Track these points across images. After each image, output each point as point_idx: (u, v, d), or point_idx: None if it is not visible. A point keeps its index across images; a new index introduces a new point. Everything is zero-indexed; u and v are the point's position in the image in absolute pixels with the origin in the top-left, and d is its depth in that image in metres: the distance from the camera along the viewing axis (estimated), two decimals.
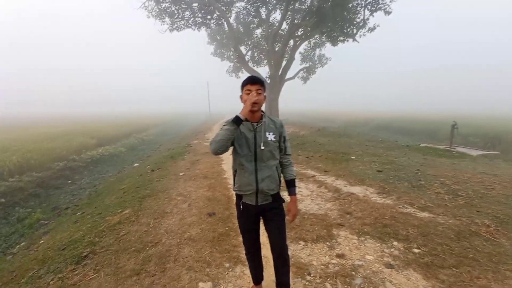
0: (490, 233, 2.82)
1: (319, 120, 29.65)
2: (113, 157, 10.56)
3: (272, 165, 1.72)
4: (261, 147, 1.66)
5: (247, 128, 1.69)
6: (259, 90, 1.64)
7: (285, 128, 1.82)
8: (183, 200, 4.19)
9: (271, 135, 1.70)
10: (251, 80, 1.66)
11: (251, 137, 1.68)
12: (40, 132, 13.32)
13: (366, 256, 2.51)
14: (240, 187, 1.73)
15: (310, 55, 20.81)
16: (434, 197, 3.96)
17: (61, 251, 2.89)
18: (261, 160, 1.68)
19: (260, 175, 1.68)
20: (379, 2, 13.09)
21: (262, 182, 1.68)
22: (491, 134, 12.16)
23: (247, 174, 1.68)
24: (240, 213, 1.81)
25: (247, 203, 1.74)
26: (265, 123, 1.72)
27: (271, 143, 1.70)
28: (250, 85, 1.64)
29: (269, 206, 1.74)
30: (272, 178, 1.71)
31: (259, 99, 1.62)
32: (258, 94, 1.63)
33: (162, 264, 2.48)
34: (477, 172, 5.23)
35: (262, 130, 1.69)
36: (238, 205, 1.80)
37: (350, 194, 4.18)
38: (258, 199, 1.71)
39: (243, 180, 1.69)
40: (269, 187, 1.70)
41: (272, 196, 1.74)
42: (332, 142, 9.95)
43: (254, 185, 1.68)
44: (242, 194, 1.74)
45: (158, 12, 14.81)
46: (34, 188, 6.28)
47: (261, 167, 1.68)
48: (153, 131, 19.43)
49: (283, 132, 1.78)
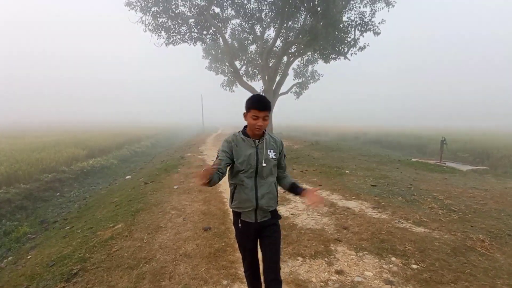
0: (485, 248, 2.86)
1: (311, 134, 29.99)
2: (104, 169, 10.33)
3: (271, 182, 1.73)
4: (262, 164, 1.66)
5: (249, 144, 1.69)
6: (266, 116, 1.63)
7: (284, 146, 1.84)
8: (178, 214, 4.11)
9: (271, 152, 1.71)
10: (260, 106, 1.60)
11: (253, 154, 1.67)
12: (29, 142, 12.99)
13: (365, 272, 2.49)
14: (239, 204, 1.70)
15: (303, 71, 21.37)
16: (429, 212, 4.01)
17: (50, 267, 2.76)
18: (261, 177, 1.69)
19: (260, 191, 1.68)
20: (368, 24, 13.70)
21: (262, 198, 1.68)
22: (479, 149, 12.52)
23: (247, 191, 1.66)
24: (240, 232, 1.78)
25: (246, 221, 1.72)
26: (267, 140, 1.72)
27: (272, 161, 1.71)
28: (258, 111, 1.60)
29: (268, 222, 1.73)
30: (271, 194, 1.71)
31: (264, 125, 1.63)
32: (265, 120, 1.62)
33: (157, 282, 2.40)
34: (468, 187, 5.34)
35: (264, 147, 1.69)
36: (237, 223, 1.76)
37: (346, 209, 4.19)
38: (257, 216, 1.70)
39: (243, 197, 1.67)
40: (269, 203, 1.70)
41: (271, 212, 1.74)
42: (325, 156, 10.04)
43: (254, 201, 1.66)
44: (241, 212, 1.71)
45: (155, 26, 15.03)
46: (21, 200, 6.04)
47: (261, 184, 1.68)
48: (146, 142, 19.21)
49: (283, 150, 1.81)
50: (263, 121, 1.62)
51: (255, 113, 1.60)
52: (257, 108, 1.60)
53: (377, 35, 13.68)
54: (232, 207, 1.75)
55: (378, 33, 13.72)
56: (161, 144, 21.47)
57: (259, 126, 1.61)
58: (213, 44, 20.07)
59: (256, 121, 1.61)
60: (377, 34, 13.71)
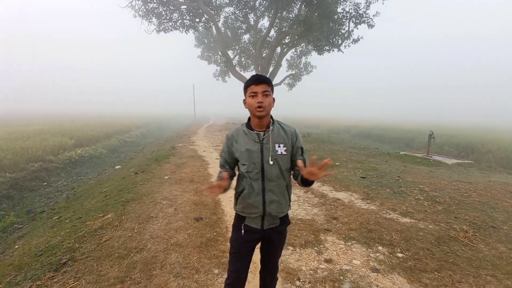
0: (469, 238, 2.98)
1: (304, 126, 30.12)
2: (92, 159, 10.13)
3: (283, 184, 1.44)
4: (269, 162, 1.38)
5: (252, 139, 1.41)
6: (266, 91, 1.34)
7: (300, 136, 1.50)
8: (169, 204, 4.09)
9: (281, 147, 1.40)
10: (255, 79, 1.35)
11: (256, 151, 1.40)
12: (12, 131, 12.54)
13: (353, 261, 2.56)
14: (243, 208, 1.48)
15: (296, 62, 21.25)
16: (415, 203, 4.14)
17: (38, 257, 2.72)
18: (270, 179, 1.41)
19: (269, 196, 1.42)
20: (363, 16, 13.67)
21: (270, 204, 1.42)
22: (463, 143, 12.91)
23: (253, 196, 1.42)
24: (239, 236, 1.50)
25: (251, 226, 1.48)
26: (274, 132, 1.42)
27: (281, 157, 1.40)
28: (255, 85, 1.34)
29: (275, 229, 1.50)
30: (282, 199, 1.45)
31: (265, 101, 1.33)
32: (265, 96, 1.34)
33: (148, 271, 2.40)
34: (453, 180, 5.52)
35: (270, 141, 1.40)
36: (239, 228, 1.50)
37: (336, 200, 4.27)
38: (264, 223, 1.46)
39: (247, 202, 1.44)
40: (278, 210, 1.45)
41: (281, 219, 1.50)
42: (317, 148, 10.14)
43: (261, 208, 1.42)
44: (246, 216, 1.48)
45: (145, 12, 14.55)
46: (7, 189, 5.87)
47: (270, 187, 1.41)
48: (136, 132, 18.85)
49: (298, 142, 1.46)
50: (264, 97, 1.33)
51: (252, 89, 1.34)
52: (253, 82, 1.34)
53: (371, 28, 13.69)
54: (236, 210, 1.53)
55: (372, 25, 13.73)
56: (151, 134, 21.14)
57: (259, 103, 1.32)
58: (205, 33, 19.65)
59: (255, 99, 1.33)
60: (371, 27, 13.72)
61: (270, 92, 1.37)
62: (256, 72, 17.61)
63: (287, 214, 1.54)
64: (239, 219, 1.53)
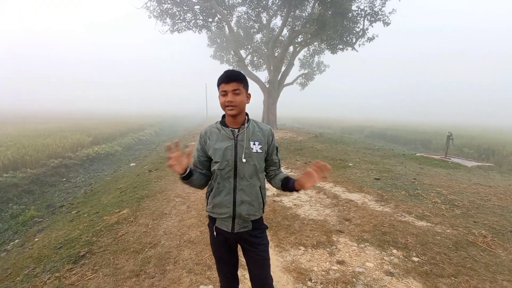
0: (487, 243, 2.87)
1: (315, 126, 29.85)
2: (108, 156, 10.43)
3: (255, 184, 1.38)
4: (242, 159, 1.32)
5: (226, 135, 1.36)
6: (237, 90, 1.28)
7: (275, 136, 1.48)
8: (182, 201, 4.16)
9: (256, 145, 1.36)
10: (225, 76, 1.28)
11: (230, 147, 1.34)
12: (34, 128, 13.11)
13: (366, 263, 2.52)
14: (213, 208, 1.40)
15: (309, 61, 21.05)
16: (431, 206, 4.01)
17: (57, 249, 2.83)
18: (242, 177, 1.34)
19: (240, 196, 1.34)
20: (378, 13, 13.37)
21: (241, 205, 1.35)
22: (484, 145, 12.39)
23: (223, 194, 1.35)
24: (213, 240, 1.47)
25: (221, 229, 1.40)
26: (249, 129, 1.37)
27: (256, 155, 1.35)
28: (225, 84, 1.28)
29: (248, 233, 1.40)
30: (254, 201, 1.37)
31: (236, 100, 1.28)
32: (236, 94, 1.28)
33: (162, 266, 2.46)
34: (472, 183, 5.32)
35: (245, 138, 1.35)
36: (211, 230, 1.45)
37: (348, 201, 4.21)
38: (234, 226, 1.37)
39: (217, 200, 1.37)
40: (250, 211, 1.37)
41: (253, 222, 1.40)
42: (329, 149, 10.02)
43: (230, 207, 1.35)
44: (216, 218, 1.41)
45: (160, 13, 14.84)
46: (28, 184, 6.15)
47: (242, 186, 1.35)
48: (150, 131, 19.28)
49: (273, 142, 1.43)
50: (234, 95, 1.28)
51: (222, 87, 1.29)
52: (223, 81, 1.28)
53: (387, 26, 13.38)
54: (207, 210, 1.45)
55: (388, 23, 13.42)
56: (164, 132, 21.56)
57: (229, 102, 1.27)
58: (218, 32, 19.81)
59: (225, 97, 1.28)
60: (386, 25, 13.42)
61: (242, 90, 1.30)
62: (268, 72, 17.61)
63: (261, 218, 1.45)
64: (211, 221, 1.46)
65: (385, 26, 13.55)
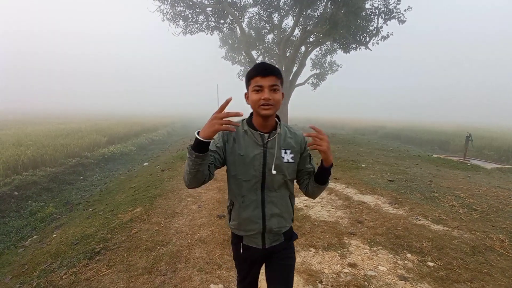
0: (504, 248, 2.76)
1: (328, 127, 29.47)
2: (123, 156, 10.71)
3: (285, 194, 1.23)
4: (272, 170, 1.13)
5: (254, 140, 1.15)
6: (275, 85, 1.07)
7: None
8: (193, 201, 4.22)
9: (288, 153, 1.17)
10: (263, 69, 1.07)
11: (258, 156, 1.15)
12: (53, 129, 13.64)
13: (379, 267, 2.46)
14: (239, 226, 1.23)
15: (321, 61, 20.83)
16: (449, 210, 3.88)
17: (74, 245, 2.94)
18: (271, 189, 1.18)
19: (269, 209, 1.19)
20: (393, 11, 13.03)
21: (271, 218, 1.20)
22: (504, 147, 11.85)
23: (251, 209, 1.18)
24: (238, 256, 1.31)
25: (250, 247, 1.25)
26: (281, 135, 1.18)
27: (287, 166, 1.17)
28: (261, 78, 1.06)
29: (280, 247, 1.26)
30: (285, 212, 1.23)
31: (274, 98, 1.07)
32: (274, 91, 1.07)
33: (173, 264, 2.50)
34: (491, 186, 5.10)
35: (276, 146, 1.15)
36: (238, 247, 1.29)
37: (361, 203, 4.13)
38: (265, 241, 1.23)
39: (244, 216, 1.19)
40: (280, 224, 1.22)
41: (284, 234, 1.27)
42: (341, 150, 9.87)
43: (260, 223, 1.19)
44: (243, 235, 1.25)
45: (173, 15, 15.10)
46: (47, 182, 6.41)
47: (271, 198, 1.19)
48: (162, 131, 19.66)
49: (306, 151, 1.23)
50: (272, 92, 1.06)
51: (257, 81, 1.07)
52: (259, 74, 1.06)
53: (402, 23, 13.03)
54: (231, 227, 1.28)
55: (404, 21, 13.04)
56: (177, 133, 21.92)
57: (265, 99, 1.05)
58: (230, 33, 19.92)
59: (261, 94, 1.06)
60: (402, 22, 13.05)
61: (279, 86, 1.10)
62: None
63: (291, 228, 1.31)
64: (235, 237, 1.30)
65: (400, 24, 13.19)
